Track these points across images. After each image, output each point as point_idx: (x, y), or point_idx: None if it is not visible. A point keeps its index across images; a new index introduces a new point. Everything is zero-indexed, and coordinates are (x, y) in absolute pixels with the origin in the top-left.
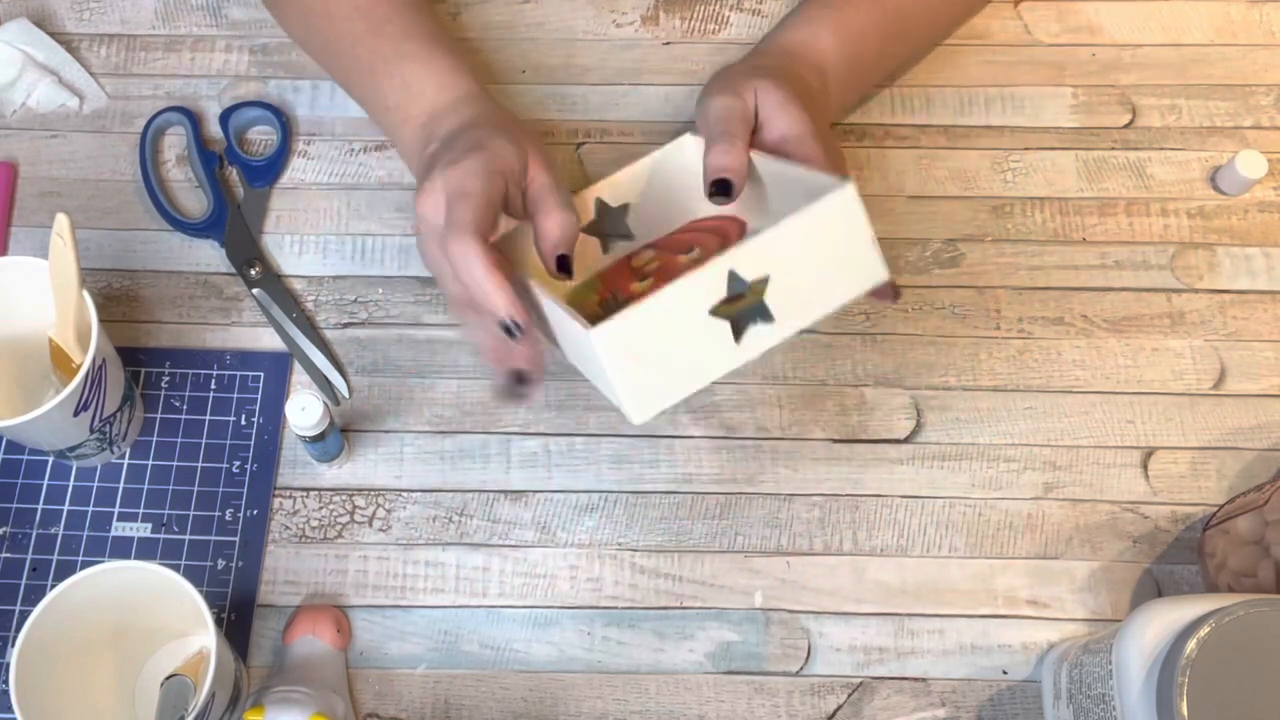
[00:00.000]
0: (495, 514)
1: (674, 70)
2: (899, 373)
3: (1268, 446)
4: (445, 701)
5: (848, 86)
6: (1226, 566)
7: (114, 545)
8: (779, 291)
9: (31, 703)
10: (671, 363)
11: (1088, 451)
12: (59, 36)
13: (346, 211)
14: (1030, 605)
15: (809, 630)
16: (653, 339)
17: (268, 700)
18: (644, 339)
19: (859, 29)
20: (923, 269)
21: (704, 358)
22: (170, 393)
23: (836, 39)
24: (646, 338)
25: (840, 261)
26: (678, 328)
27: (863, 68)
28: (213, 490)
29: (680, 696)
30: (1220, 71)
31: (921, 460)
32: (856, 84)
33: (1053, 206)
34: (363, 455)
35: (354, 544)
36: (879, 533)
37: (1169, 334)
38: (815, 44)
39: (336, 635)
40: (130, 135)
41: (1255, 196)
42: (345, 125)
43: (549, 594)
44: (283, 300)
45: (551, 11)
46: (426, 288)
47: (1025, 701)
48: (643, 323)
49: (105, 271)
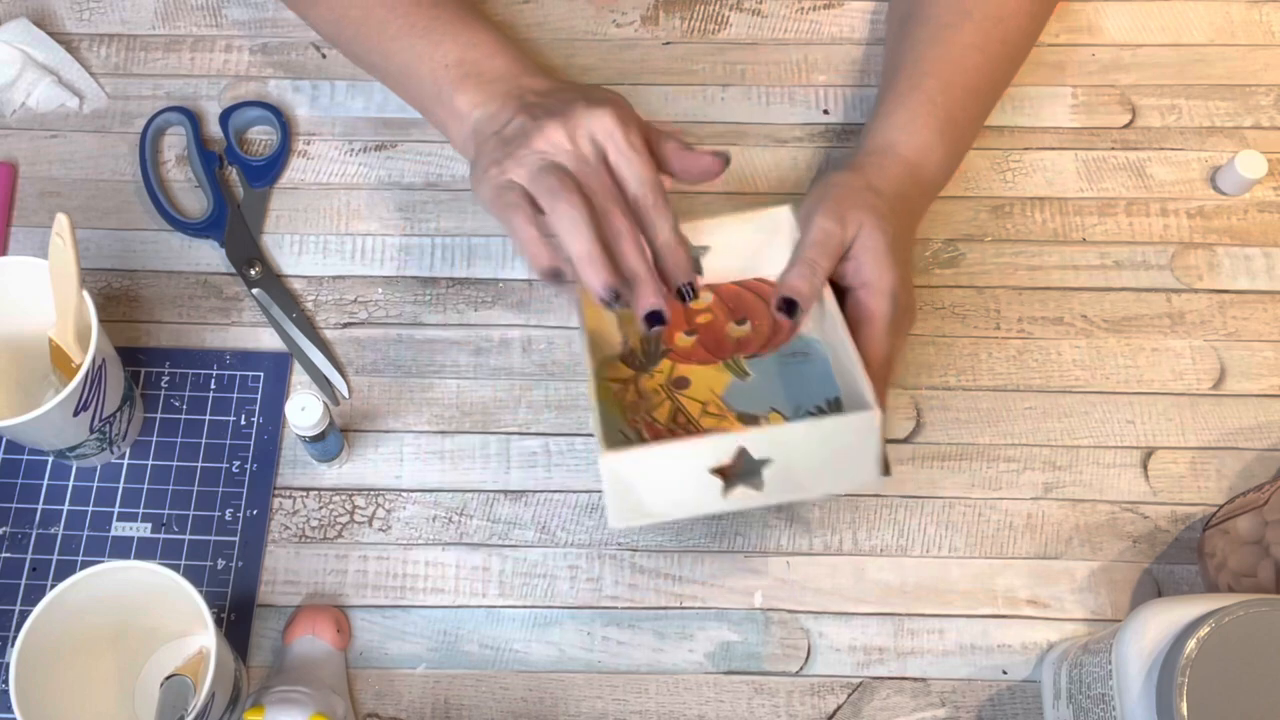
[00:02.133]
0: (495, 514)
1: (674, 70)
2: (899, 373)
3: (1268, 446)
4: (445, 701)
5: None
6: (1226, 566)
7: (114, 545)
8: (778, 470)
9: (31, 703)
10: (661, 495)
11: (1088, 451)
12: (59, 36)
13: (346, 211)
14: (1030, 605)
15: (809, 630)
16: (652, 476)
17: (268, 700)
18: (645, 473)
19: (961, 130)
20: (923, 269)
21: (692, 500)
22: (170, 393)
23: (946, 151)
24: (648, 473)
25: (842, 465)
26: (678, 474)
27: (956, 165)
28: (212, 490)
29: (680, 696)
30: (1220, 71)
31: (921, 460)
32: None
33: (1053, 206)
34: (362, 455)
35: (354, 544)
36: (879, 532)
37: (1169, 334)
38: (930, 159)
39: (336, 635)
40: (130, 135)
41: (1255, 197)
42: (345, 125)
43: (549, 594)
44: (282, 300)
45: (551, 11)
46: (426, 288)
47: (1025, 701)
48: (649, 462)
49: (105, 271)
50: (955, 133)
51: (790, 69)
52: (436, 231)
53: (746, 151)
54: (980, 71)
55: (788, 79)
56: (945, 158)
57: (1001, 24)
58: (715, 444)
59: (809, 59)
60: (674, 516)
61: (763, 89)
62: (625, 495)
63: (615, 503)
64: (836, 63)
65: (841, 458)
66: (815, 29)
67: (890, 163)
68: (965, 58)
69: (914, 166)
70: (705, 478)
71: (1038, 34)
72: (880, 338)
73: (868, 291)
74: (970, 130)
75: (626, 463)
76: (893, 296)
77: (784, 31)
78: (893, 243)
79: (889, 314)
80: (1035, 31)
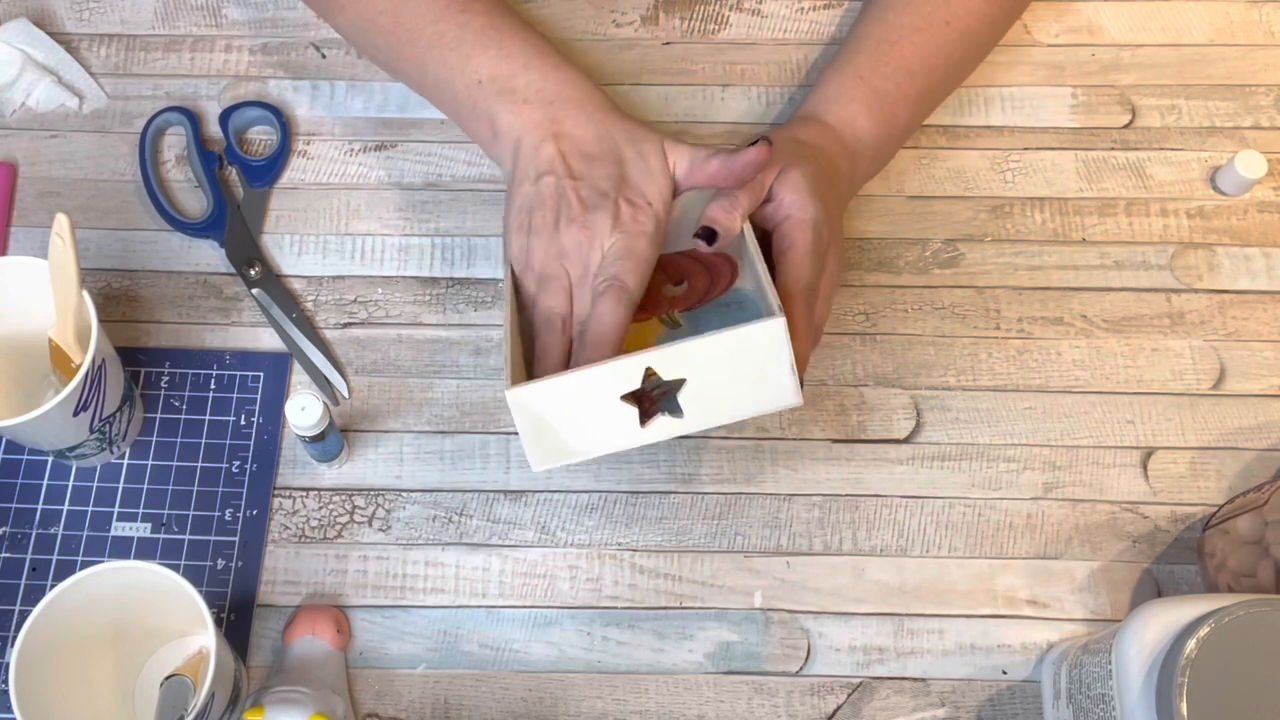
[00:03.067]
0: (495, 514)
1: (674, 70)
2: (899, 373)
3: (1267, 446)
4: (445, 701)
5: (874, 163)
6: (1226, 566)
7: (114, 545)
8: (693, 393)
9: (31, 703)
10: (578, 431)
11: (1087, 451)
12: (59, 36)
13: (346, 211)
14: (1030, 605)
15: (809, 630)
16: (565, 410)
17: (267, 700)
18: (556, 407)
19: (892, 106)
20: (923, 269)
21: (610, 433)
22: (170, 393)
23: (872, 123)
24: (559, 407)
25: (755, 380)
26: (587, 405)
27: (893, 143)
28: (212, 490)
29: (680, 696)
30: (1220, 71)
31: (921, 460)
32: (884, 158)
33: (1052, 206)
34: (362, 455)
35: (354, 544)
36: (879, 533)
37: (1169, 334)
38: (853, 127)
39: (336, 635)
40: (130, 135)
41: (1255, 197)
42: (345, 125)
43: (549, 594)
44: (282, 300)
45: (551, 11)
46: (426, 288)
47: (1025, 701)
48: (558, 394)
49: (105, 271)
50: (885, 107)
51: (790, 69)
52: (436, 231)
53: None
54: (919, 50)
55: (788, 79)
56: (873, 128)
57: (947, 5)
58: (622, 367)
59: (809, 59)
60: (595, 453)
61: (763, 89)
62: (541, 434)
63: (532, 443)
64: None
65: (754, 372)
66: (815, 29)
67: (813, 126)
68: (902, 37)
69: (835, 131)
70: (620, 407)
71: (1000, 24)
72: (800, 262)
73: (790, 223)
74: (906, 108)
75: (534, 396)
76: (815, 227)
77: (784, 31)
78: (814, 183)
79: (810, 242)
80: (995, 19)
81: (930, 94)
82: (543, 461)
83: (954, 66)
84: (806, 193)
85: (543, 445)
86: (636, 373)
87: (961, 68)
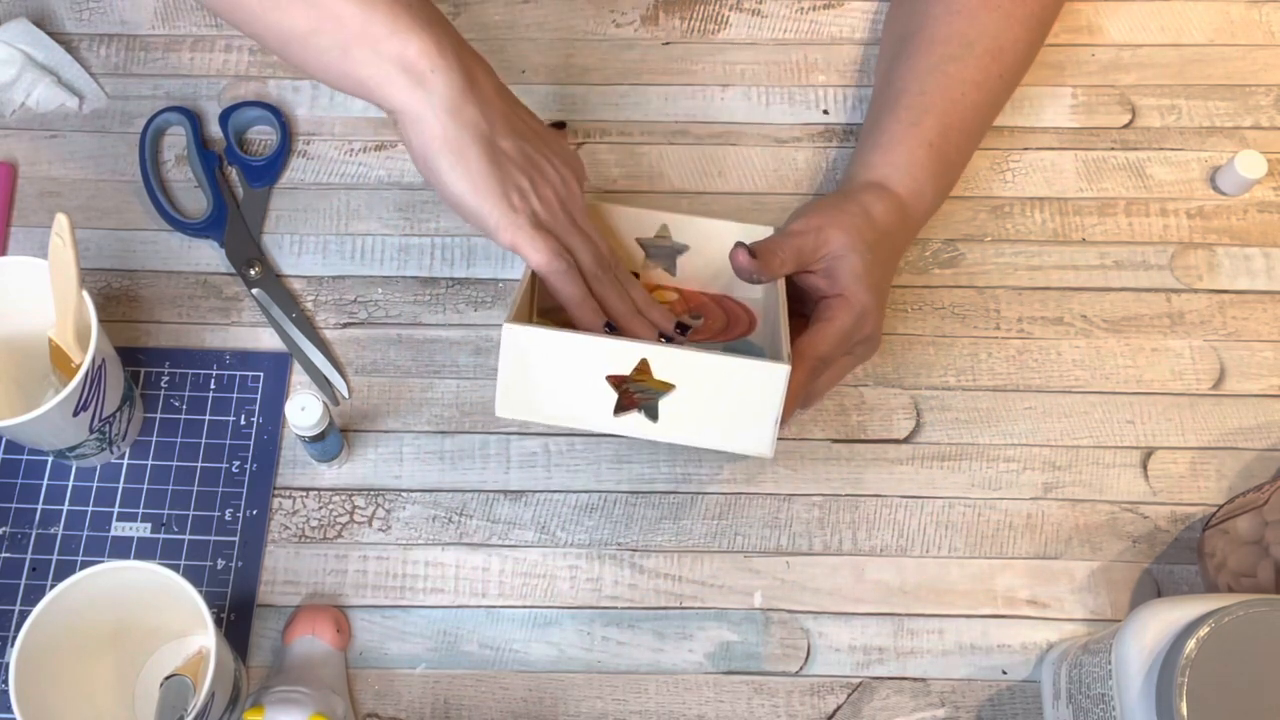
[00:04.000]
0: (495, 514)
1: (674, 70)
2: (899, 373)
3: (1267, 446)
4: (445, 701)
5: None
6: (1226, 566)
7: (113, 545)
8: (675, 403)
9: (31, 703)
10: (553, 392)
11: (1087, 451)
12: (59, 36)
13: (346, 211)
14: (1030, 605)
15: (809, 630)
16: (550, 364)
17: (267, 700)
18: (543, 358)
19: (954, 171)
20: (922, 269)
21: (582, 408)
22: (170, 393)
23: (936, 191)
24: (545, 359)
25: (739, 416)
26: (575, 372)
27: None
28: (212, 490)
29: (680, 696)
30: (1220, 71)
31: (921, 460)
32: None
33: (1052, 207)
34: (362, 455)
35: (353, 544)
36: (879, 533)
37: (1169, 334)
38: (922, 199)
39: (336, 635)
40: (130, 135)
41: (1255, 197)
42: (345, 125)
43: (549, 594)
44: (282, 300)
45: (551, 11)
46: (426, 288)
47: (1025, 701)
48: (550, 347)
49: (105, 271)
50: (948, 174)
51: (790, 69)
52: (436, 231)
53: (745, 151)
54: (978, 109)
55: (787, 79)
56: (934, 200)
57: (1000, 58)
58: (620, 348)
59: (809, 59)
60: (560, 421)
61: (762, 89)
62: (519, 380)
63: (507, 387)
64: (836, 63)
65: (740, 408)
66: (815, 29)
67: (885, 199)
68: (965, 95)
69: (905, 207)
70: (600, 385)
71: (1030, 64)
72: (829, 336)
73: (840, 302)
74: (960, 169)
75: (528, 339)
76: (859, 317)
77: (784, 31)
78: (873, 277)
79: (848, 327)
80: (1030, 61)
81: (977, 146)
82: (509, 409)
83: (997, 112)
84: (865, 286)
85: (514, 392)
86: (632, 359)
87: (1000, 110)
